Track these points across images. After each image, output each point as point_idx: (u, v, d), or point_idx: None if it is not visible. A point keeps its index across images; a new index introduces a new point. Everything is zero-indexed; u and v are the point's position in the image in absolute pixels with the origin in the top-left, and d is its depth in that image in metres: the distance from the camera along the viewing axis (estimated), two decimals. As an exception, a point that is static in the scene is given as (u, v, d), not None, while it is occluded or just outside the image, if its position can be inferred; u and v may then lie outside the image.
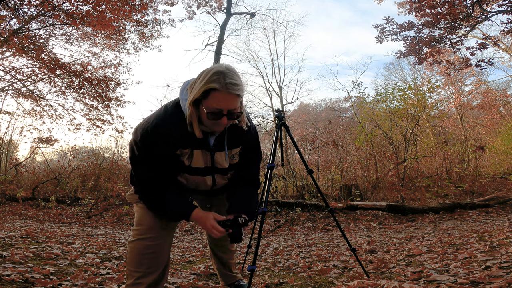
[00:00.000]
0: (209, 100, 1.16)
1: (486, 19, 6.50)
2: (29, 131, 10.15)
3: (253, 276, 1.99)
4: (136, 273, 1.34)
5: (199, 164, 1.34)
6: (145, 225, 1.38)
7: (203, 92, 1.16)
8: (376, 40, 7.05)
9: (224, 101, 1.16)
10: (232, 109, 1.19)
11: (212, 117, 1.19)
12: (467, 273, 1.81)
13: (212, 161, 1.35)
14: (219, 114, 1.18)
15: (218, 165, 1.37)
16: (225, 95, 1.15)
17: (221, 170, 1.41)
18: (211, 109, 1.17)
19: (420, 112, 8.92)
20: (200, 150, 1.31)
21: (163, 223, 1.39)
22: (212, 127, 1.25)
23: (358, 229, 4.67)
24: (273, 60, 17.35)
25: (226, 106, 1.17)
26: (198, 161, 1.33)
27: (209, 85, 1.14)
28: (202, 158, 1.33)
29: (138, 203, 1.43)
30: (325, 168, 10.11)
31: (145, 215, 1.39)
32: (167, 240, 1.42)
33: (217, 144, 1.33)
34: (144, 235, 1.36)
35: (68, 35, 9.49)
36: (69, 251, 2.78)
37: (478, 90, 16.41)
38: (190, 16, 11.55)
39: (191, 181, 1.41)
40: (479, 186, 7.59)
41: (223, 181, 1.47)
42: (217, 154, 1.35)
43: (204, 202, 1.68)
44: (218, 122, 1.21)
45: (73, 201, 7.83)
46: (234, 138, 1.37)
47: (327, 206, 2.04)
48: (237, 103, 1.19)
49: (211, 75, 1.15)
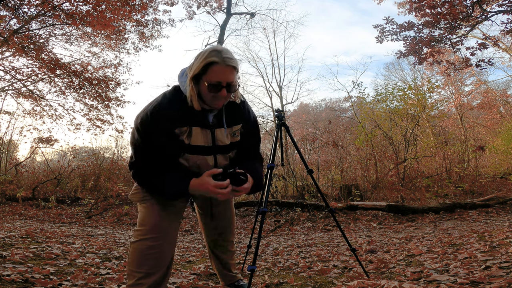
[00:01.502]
0: (209, 74, 1.25)
1: (486, 19, 6.50)
2: (29, 131, 10.16)
3: (253, 276, 1.99)
4: (137, 273, 1.33)
5: (199, 142, 1.36)
6: (148, 225, 1.37)
7: (203, 66, 1.25)
8: (376, 40, 7.05)
9: (223, 74, 1.25)
10: (230, 82, 1.27)
11: (212, 89, 1.26)
12: (467, 273, 1.81)
13: (213, 139, 1.38)
14: (218, 87, 1.26)
15: (219, 142, 1.40)
16: (224, 67, 1.25)
17: (223, 149, 1.42)
18: (211, 82, 1.25)
19: (420, 112, 8.92)
20: (200, 128, 1.34)
21: (167, 224, 1.38)
22: (212, 102, 1.30)
23: (358, 229, 4.67)
24: (273, 60, 17.37)
25: (225, 78, 1.26)
26: (197, 139, 1.35)
27: (208, 59, 1.24)
28: (202, 136, 1.36)
29: (141, 202, 1.42)
30: (325, 168, 10.11)
31: (149, 216, 1.38)
32: (170, 241, 1.40)
33: (216, 121, 1.38)
34: (146, 236, 1.35)
35: (68, 35, 9.49)
36: (69, 251, 2.78)
37: (478, 90, 16.42)
38: (190, 16, 11.54)
39: (193, 162, 1.40)
40: (479, 186, 7.59)
41: (225, 162, 1.47)
42: (217, 131, 1.38)
43: (206, 203, 1.66)
44: (218, 95, 1.27)
45: (73, 201, 7.84)
46: (232, 115, 1.42)
47: (327, 206, 2.03)
48: (234, 76, 1.28)
49: (209, 52, 1.25)
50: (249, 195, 1.45)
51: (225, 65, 1.25)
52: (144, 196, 1.42)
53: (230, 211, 1.72)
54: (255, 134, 1.54)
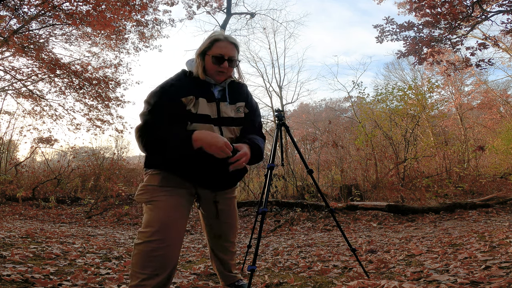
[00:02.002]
0: (213, 49, 1.47)
1: (486, 19, 6.50)
2: (29, 131, 10.16)
3: (253, 276, 1.99)
4: (141, 275, 1.31)
5: (206, 111, 1.45)
6: (154, 227, 1.35)
7: (209, 43, 1.48)
8: (376, 40, 7.05)
9: (225, 48, 1.47)
10: (231, 56, 1.48)
11: (216, 61, 1.46)
12: (467, 273, 1.81)
13: (218, 111, 1.48)
14: (221, 59, 1.46)
15: (224, 114, 1.49)
16: (226, 43, 1.48)
17: (228, 121, 1.50)
18: (215, 54, 1.46)
19: (420, 112, 8.92)
20: (205, 100, 1.45)
21: (173, 226, 1.37)
22: (215, 74, 1.48)
23: (358, 229, 4.67)
24: (273, 60, 17.40)
25: (227, 52, 1.47)
26: (203, 108, 1.44)
27: (213, 37, 1.49)
28: (208, 107, 1.46)
29: (147, 203, 1.42)
30: (325, 168, 10.11)
31: (155, 217, 1.37)
32: (175, 243, 1.38)
33: (220, 96, 1.52)
34: (152, 238, 1.33)
35: (68, 35, 9.49)
36: (69, 251, 2.78)
37: (478, 90, 16.41)
38: (190, 16, 11.53)
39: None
40: (479, 186, 7.59)
41: (230, 135, 1.51)
42: (222, 104, 1.50)
43: (209, 199, 1.62)
44: (221, 67, 1.46)
45: (73, 201, 7.84)
46: (235, 92, 1.57)
47: (327, 206, 2.03)
48: (235, 52, 1.50)
49: (214, 33, 1.52)
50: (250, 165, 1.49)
51: (227, 41, 1.48)
52: (151, 197, 1.41)
53: (234, 211, 1.72)
54: (257, 116, 1.67)
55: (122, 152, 12.26)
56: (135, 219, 6.09)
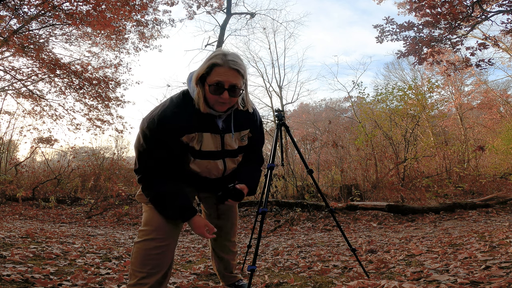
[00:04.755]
0: (212, 75, 1.25)
1: (486, 19, 6.50)
2: (29, 131, 10.17)
3: (253, 276, 1.99)
4: (139, 273, 1.34)
5: (210, 147, 1.38)
6: (153, 226, 1.38)
7: (207, 67, 1.26)
8: (376, 40, 7.05)
9: (225, 75, 1.24)
10: (233, 84, 1.26)
11: (214, 90, 1.25)
12: (467, 273, 1.81)
13: (222, 143, 1.40)
14: (220, 88, 1.25)
15: (228, 147, 1.42)
16: (226, 69, 1.24)
17: (231, 153, 1.46)
18: (213, 82, 1.25)
19: (420, 112, 8.92)
20: (210, 134, 1.36)
21: (171, 225, 1.39)
22: (216, 105, 1.29)
23: (358, 229, 4.67)
24: (273, 60, 17.41)
25: (227, 80, 1.25)
26: (208, 144, 1.37)
27: (212, 61, 1.25)
28: (212, 141, 1.37)
29: (147, 203, 1.43)
30: (325, 168, 10.11)
31: (154, 216, 1.39)
32: (173, 242, 1.42)
33: (225, 127, 1.39)
34: (151, 236, 1.36)
35: (68, 35, 9.50)
36: (69, 251, 2.78)
37: (478, 90, 16.41)
38: (190, 16, 11.54)
39: (204, 167, 1.43)
40: (479, 186, 7.59)
41: (233, 165, 1.51)
42: (227, 136, 1.40)
43: (211, 204, 1.66)
44: (221, 97, 1.26)
45: (73, 201, 7.83)
46: (241, 120, 1.44)
47: (327, 206, 2.04)
48: (238, 80, 1.27)
49: (215, 55, 1.28)
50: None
51: (227, 67, 1.24)
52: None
53: (234, 212, 1.73)
54: (261, 138, 1.59)
55: (122, 152, 12.26)
56: (135, 219, 6.09)
